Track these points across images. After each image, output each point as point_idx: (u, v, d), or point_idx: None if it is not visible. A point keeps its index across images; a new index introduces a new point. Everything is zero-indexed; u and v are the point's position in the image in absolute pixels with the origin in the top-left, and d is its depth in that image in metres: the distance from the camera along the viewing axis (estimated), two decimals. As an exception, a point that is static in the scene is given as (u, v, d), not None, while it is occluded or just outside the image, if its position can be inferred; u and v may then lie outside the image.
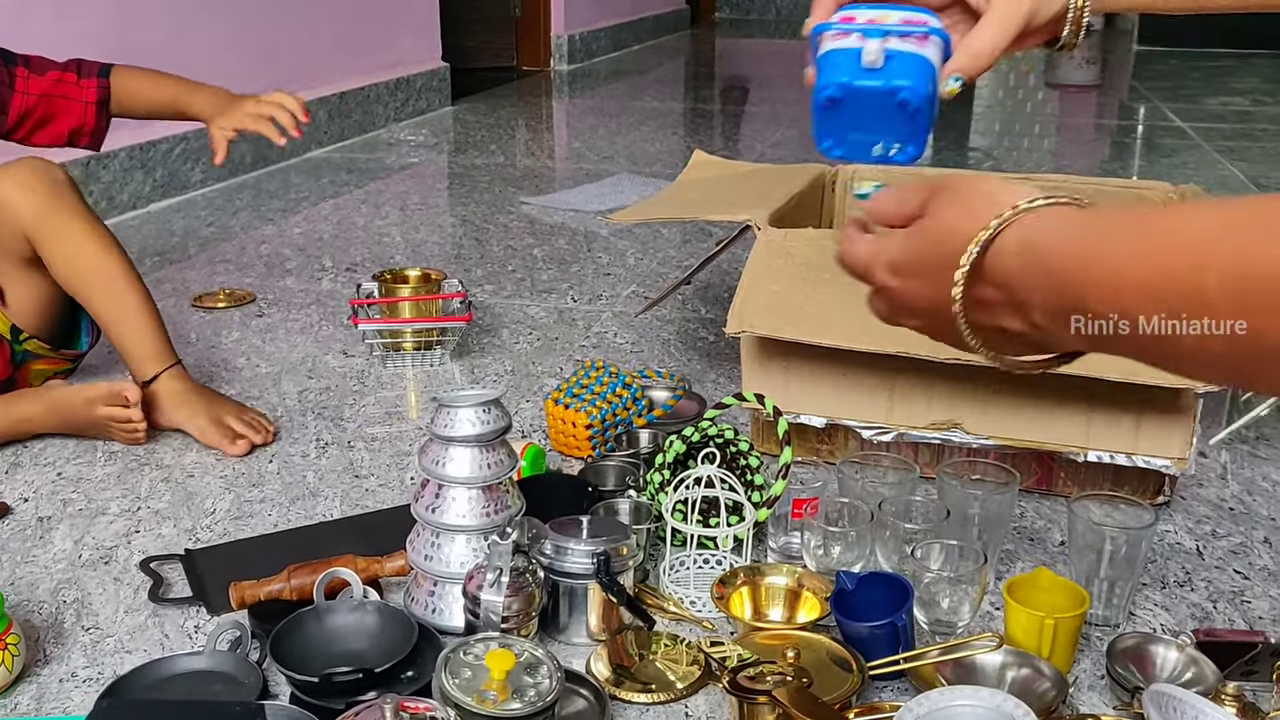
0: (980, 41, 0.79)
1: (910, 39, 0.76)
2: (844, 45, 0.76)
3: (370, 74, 3.74)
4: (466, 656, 0.91)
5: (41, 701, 0.98)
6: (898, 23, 0.77)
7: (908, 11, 0.78)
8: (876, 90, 0.75)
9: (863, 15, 0.77)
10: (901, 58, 0.75)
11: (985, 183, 0.61)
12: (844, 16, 0.78)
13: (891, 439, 1.30)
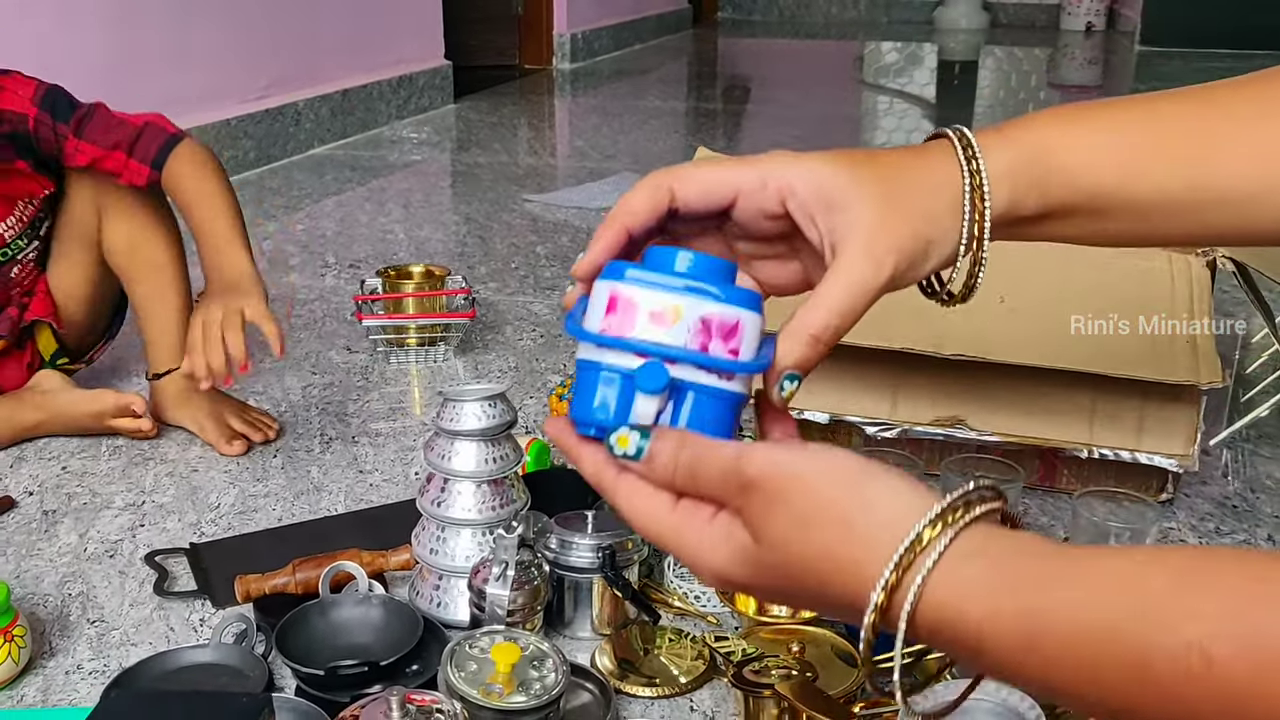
0: (817, 317, 0.53)
1: (706, 371, 0.52)
2: (613, 362, 0.52)
3: (373, 71, 3.74)
4: (472, 650, 0.91)
5: (48, 693, 0.98)
6: (691, 338, 0.52)
7: (709, 301, 0.52)
8: None
9: (645, 304, 0.52)
10: (691, 399, 0.53)
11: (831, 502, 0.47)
12: (615, 297, 0.53)
13: (896, 435, 1.30)
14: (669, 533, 0.52)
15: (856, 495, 0.47)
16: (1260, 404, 1.42)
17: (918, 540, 0.44)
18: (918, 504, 0.46)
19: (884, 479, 0.47)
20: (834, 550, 0.46)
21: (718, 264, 0.54)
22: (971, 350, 1.20)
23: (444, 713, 0.80)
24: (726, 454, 0.50)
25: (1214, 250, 1.24)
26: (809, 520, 0.47)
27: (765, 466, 0.48)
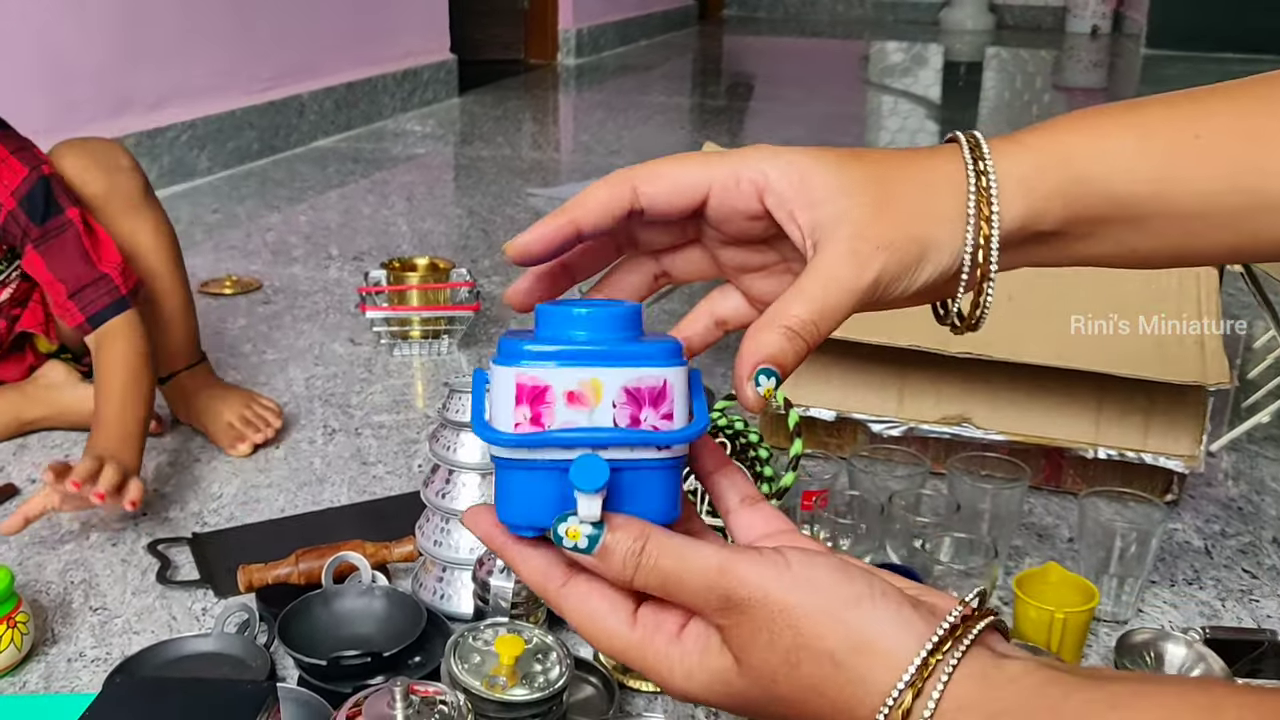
0: (793, 309, 0.47)
1: (643, 447, 0.47)
2: (540, 458, 0.46)
3: (378, 65, 3.74)
4: (476, 642, 0.90)
5: (50, 680, 0.98)
6: (619, 414, 0.47)
7: (629, 366, 0.47)
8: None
9: (558, 386, 0.46)
10: (630, 480, 0.47)
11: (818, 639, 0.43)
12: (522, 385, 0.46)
13: (901, 433, 1.30)
14: (631, 651, 0.47)
15: (845, 633, 0.43)
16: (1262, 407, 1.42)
17: (912, 685, 0.42)
18: (910, 640, 0.43)
19: (872, 609, 0.44)
20: (825, 688, 0.44)
21: (619, 312, 0.48)
22: (978, 349, 1.20)
23: (447, 704, 0.80)
24: (707, 565, 0.45)
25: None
26: (798, 657, 0.44)
27: (755, 592, 0.44)
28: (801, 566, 0.44)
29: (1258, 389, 1.57)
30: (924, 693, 0.42)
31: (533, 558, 0.48)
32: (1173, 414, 1.22)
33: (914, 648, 0.43)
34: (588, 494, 0.45)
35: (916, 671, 0.42)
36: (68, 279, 1.33)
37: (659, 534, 0.46)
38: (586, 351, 0.47)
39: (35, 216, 1.34)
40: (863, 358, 1.30)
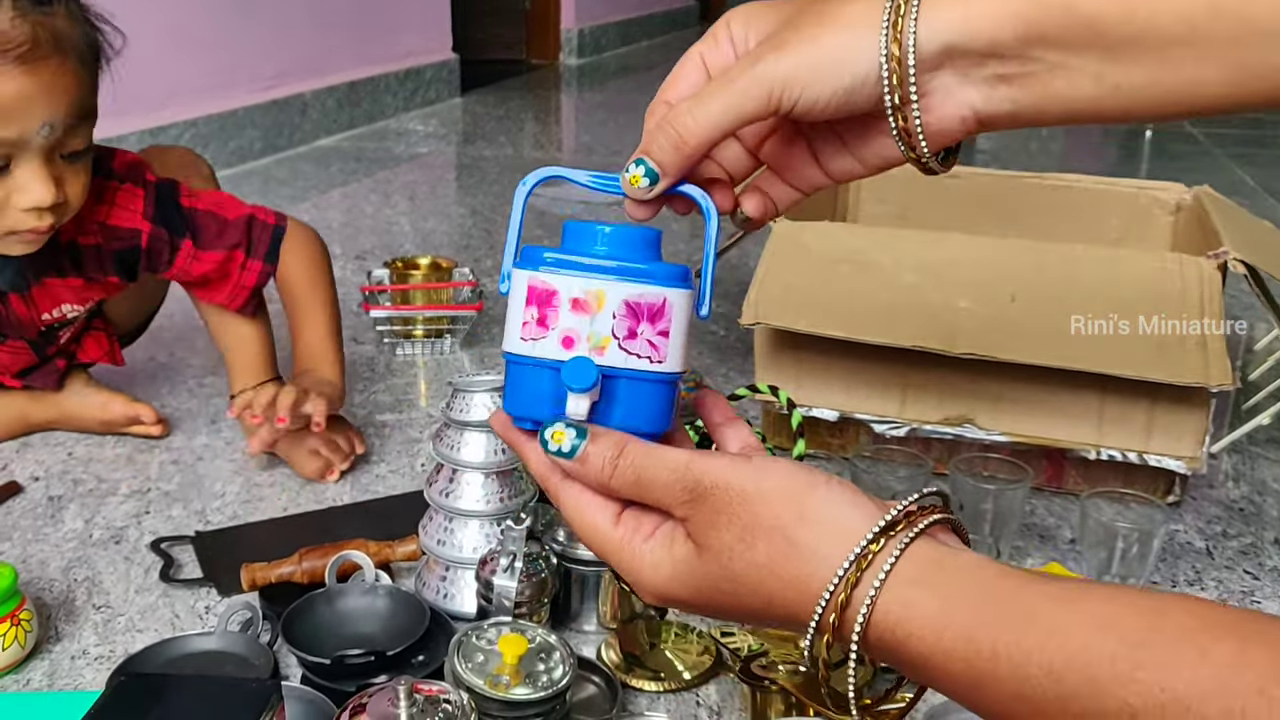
0: (686, 107, 0.51)
1: (637, 356, 0.51)
2: (541, 355, 0.51)
3: (380, 64, 3.74)
4: (479, 641, 0.91)
5: (53, 678, 0.98)
6: (617, 324, 0.50)
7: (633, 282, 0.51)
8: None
9: (565, 292, 0.51)
10: (624, 387, 0.51)
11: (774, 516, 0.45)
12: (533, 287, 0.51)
13: (904, 434, 1.30)
14: (610, 546, 0.51)
15: (798, 510, 0.46)
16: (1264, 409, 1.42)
17: (863, 557, 0.44)
18: (861, 518, 0.45)
19: (827, 493, 0.46)
20: (777, 566, 0.46)
21: (639, 236, 0.52)
22: (981, 349, 1.20)
23: (451, 703, 0.80)
24: (675, 460, 0.49)
25: (1225, 253, 1.23)
26: (753, 535, 0.46)
27: (717, 479, 0.47)
28: (761, 460, 0.48)
29: (1259, 390, 1.57)
30: (874, 565, 0.44)
31: (538, 451, 0.52)
32: (1175, 415, 1.23)
33: (863, 527, 0.45)
34: (577, 393, 0.50)
35: (866, 546, 0.44)
36: (239, 242, 1.35)
37: (635, 442, 0.50)
38: (597, 265, 0.51)
39: (177, 229, 1.32)
40: (865, 358, 1.30)
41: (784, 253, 1.34)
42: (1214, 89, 0.46)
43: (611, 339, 0.51)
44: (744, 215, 0.57)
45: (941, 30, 0.48)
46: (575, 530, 0.53)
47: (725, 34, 0.55)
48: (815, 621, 0.44)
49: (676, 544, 0.49)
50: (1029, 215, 1.63)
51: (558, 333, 0.51)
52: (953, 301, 1.24)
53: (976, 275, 1.28)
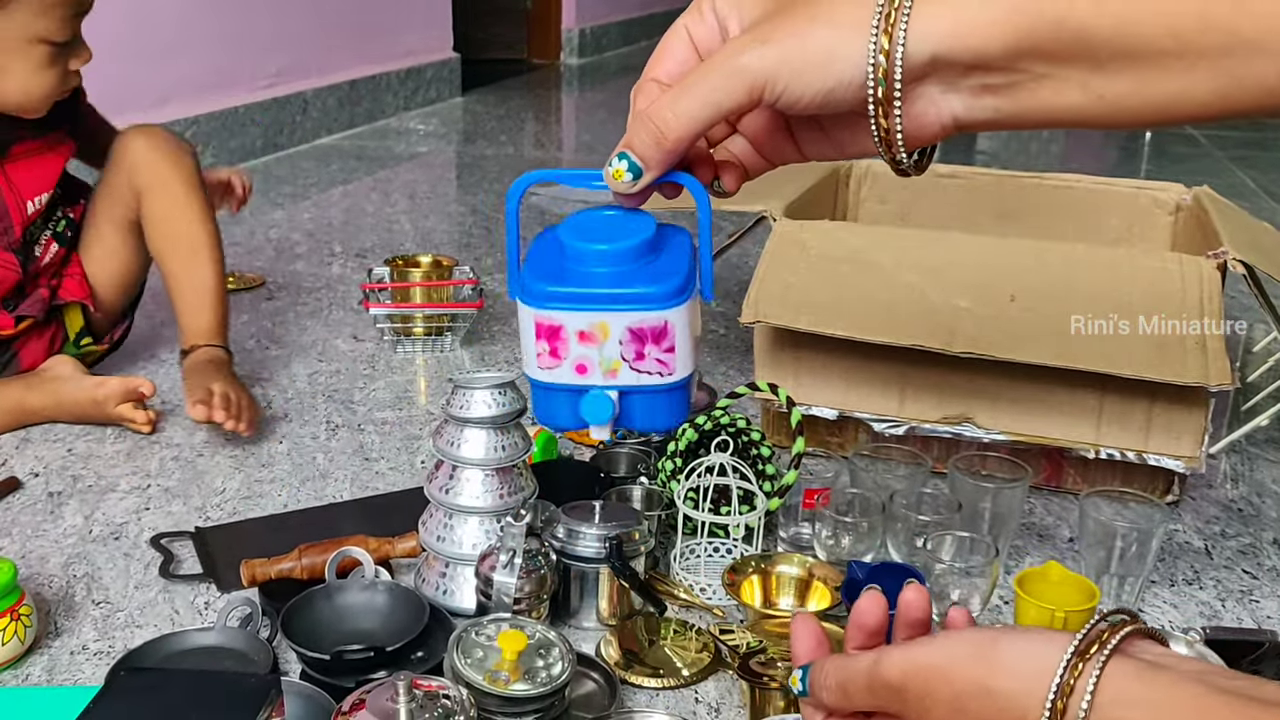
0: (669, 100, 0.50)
1: (646, 372, 0.54)
2: (563, 381, 0.55)
3: (381, 63, 3.74)
4: (479, 637, 0.91)
5: (53, 673, 0.98)
6: (625, 349, 0.54)
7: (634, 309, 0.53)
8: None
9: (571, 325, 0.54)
10: (639, 401, 0.55)
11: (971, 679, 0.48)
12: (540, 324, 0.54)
13: (903, 432, 1.30)
14: None
15: (989, 664, 0.48)
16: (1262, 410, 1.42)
17: (1064, 686, 0.44)
18: (1052, 649, 0.46)
19: (1013, 638, 0.48)
20: (986, 718, 0.47)
21: (629, 246, 0.54)
22: (980, 348, 1.20)
23: (450, 699, 0.80)
24: (863, 666, 0.52)
25: (1224, 253, 1.24)
26: (961, 702, 0.48)
27: (905, 667, 0.50)
28: (938, 635, 0.51)
29: (1258, 392, 1.57)
30: (1076, 692, 0.44)
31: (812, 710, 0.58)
32: (1174, 415, 1.23)
33: (1056, 655, 0.45)
34: (598, 426, 0.55)
35: (1066, 671, 0.45)
36: None
37: (832, 661, 0.55)
38: (596, 295, 0.53)
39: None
40: (865, 357, 1.30)
41: (784, 252, 1.34)
42: (1200, 98, 0.46)
43: (621, 362, 0.54)
44: (721, 187, 0.58)
45: (930, 40, 0.47)
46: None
47: (710, 8, 0.53)
48: None
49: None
50: (1029, 215, 1.63)
51: (570, 361, 0.54)
52: (952, 301, 1.25)
53: (976, 275, 1.28)
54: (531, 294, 0.54)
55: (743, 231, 1.70)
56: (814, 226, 1.37)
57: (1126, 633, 0.46)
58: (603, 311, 0.53)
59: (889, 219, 1.71)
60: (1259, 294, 1.29)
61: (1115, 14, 0.45)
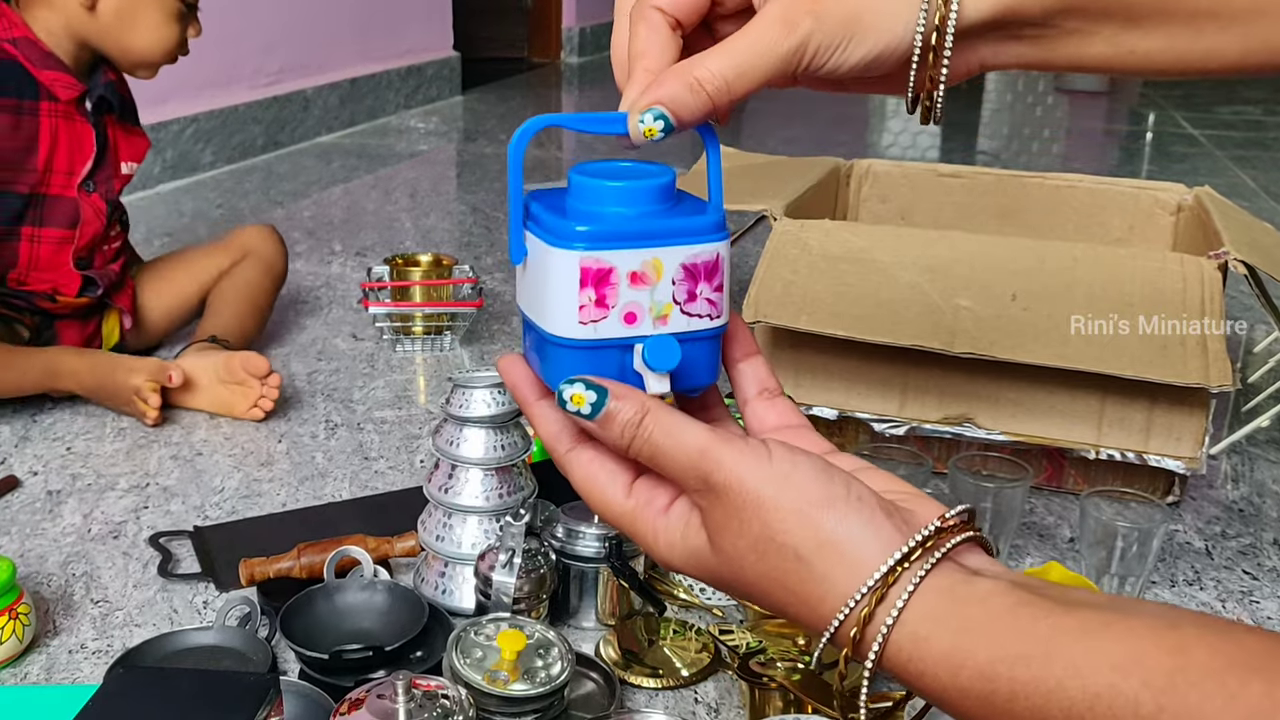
0: (709, 63, 0.48)
1: (697, 315, 0.50)
2: (605, 335, 0.49)
3: (382, 61, 3.74)
4: (478, 636, 0.90)
5: (51, 671, 0.98)
6: (678, 290, 0.49)
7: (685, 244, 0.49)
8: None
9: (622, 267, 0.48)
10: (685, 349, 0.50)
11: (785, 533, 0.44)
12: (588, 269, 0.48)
13: (904, 433, 1.30)
14: (624, 519, 0.50)
15: (813, 531, 0.44)
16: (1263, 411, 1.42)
17: (875, 591, 0.43)
18: (876, 548, 0.43)
19: (844, 512, 0.44)
20: (790, 581, 0.45)
21: (661, 184, 0.50)
22: (981, 348, 1.20)
23: (449, 698, 0.80)
24: (692, 445, 0.46)
25: (1225, 253, 1.23)
26: (765, 547, 0.45)
27: (731, 479, 0.45)
28: (781, 461, 0.46)
29: (1259, 393, 1.57)
30: (887, 600, 0.43)
31: (550, 420, 0.51)
32: (1174, 415, 1.22)
33: (880, 556, 0.43)
34: (660, 374, 0.49)
35: (880, 580, 0.43)
36: None
37: (657, 408, 0.48)
38: (643, 229, 0.48)
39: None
40: (865, 357, 1.30)
41: (784, 251, 1.34)
42: (1227, 58, 0.47)
43: (674, 305, 0.49)
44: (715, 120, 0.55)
45: (981, 7, 0.48)
46: (585, 500, 0.51)
47: None
48: (825, 642, 0.44)
49: (690, 533, 0.48)
50: (1030, 215, 1.62)
51: (619, 310, 0.48)
52: (953, 301, 1.24)
53: (977, 274, 1.28)
54: (574, 235, 0.48)
55: (743, 231, 1.70)
56: (814, 226, 1.37)
57: (958, 542, 0.44)
58: (657, 247, 0.48)
59: (890, 218, 1.71)
60: (1260, 294, 1.28)
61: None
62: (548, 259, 0.48)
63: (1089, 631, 0.40)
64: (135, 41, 1.51)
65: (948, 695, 0.42)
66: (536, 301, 0.50)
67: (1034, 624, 0.41)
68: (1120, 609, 0.40)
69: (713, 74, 0.48)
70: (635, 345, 0.49)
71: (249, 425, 1.48)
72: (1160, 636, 0.38)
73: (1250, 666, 0.36)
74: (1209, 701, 0.36)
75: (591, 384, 0.48)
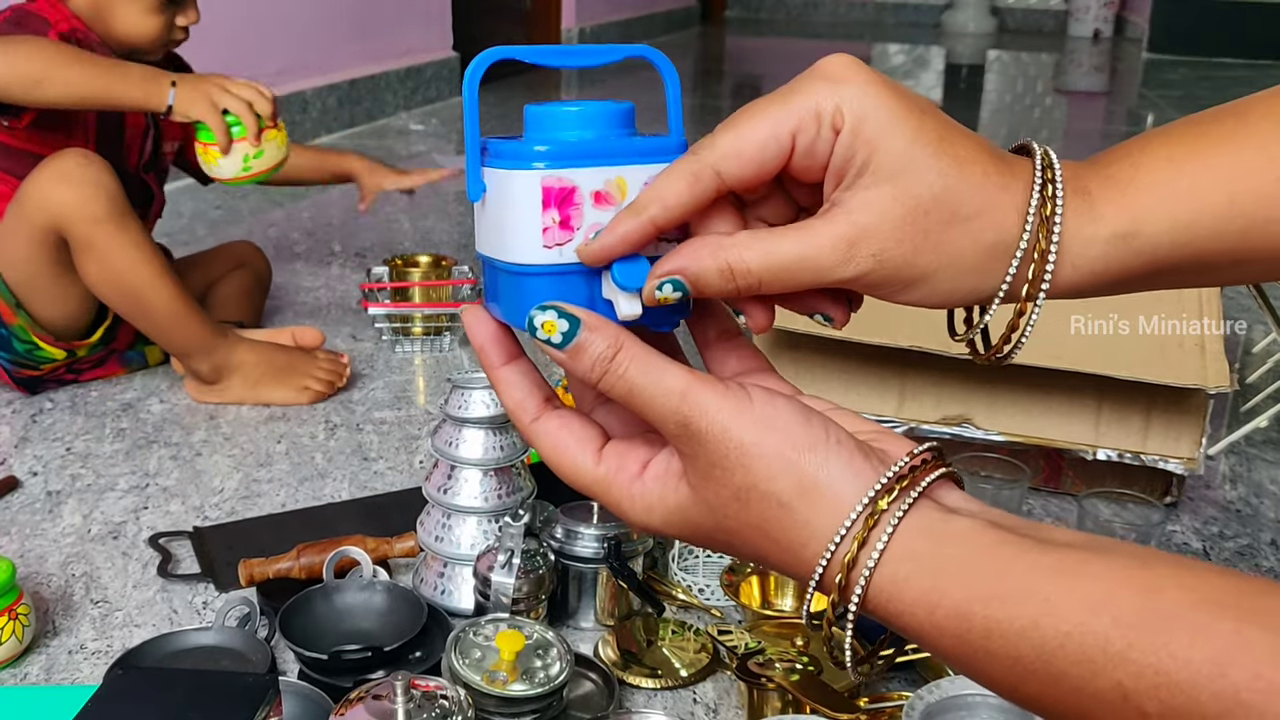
0: (747, 255, 0.45)
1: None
2: (571, 259, 0.46)
3: (381, 62, 3.74)
4: (477, 637, 0.91)
5: (50, 672, 0.98)
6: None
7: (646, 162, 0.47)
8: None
9: (585, 186, 0.46)
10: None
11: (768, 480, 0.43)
12: (550, 188, 0.46)
13: (902, 433, 1.30)
14: (596, 488, 0.48)
15: (796, 476, 0.43)
16: (1261, 412, 1.42)
17: (854, 533, 0.43)
18: (855, 488, 0.43)
19: (825, 455, 0.44)
20: (771, 529, 0.44)
21: (619, 111, 0.48)
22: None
23: (448, 699, 0.80)
24: (673, 387, 0.44)
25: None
26: (748, 495, 0.44)
27: (714, 426, 0.44)
28: (762, 405, 0.45)
29: (1257, 393, 1.57)
30: (868, 543, 0.43)
31: (515, 387, 0.49)
32: (1172, 416, 1.23)
33: (858, 495, 0.43)
34: (630, 293, 0.46)
35: (860, 520, 0.43)
36: None
37: (632, 343, 0.45)
38: (606, 149, 0.46)
39: None
40: (863, 358, 1.30)
41: (783, 252, 1.34)
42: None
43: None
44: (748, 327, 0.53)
45: (1060, 286, 0.47)
46: (555, 470, 0.49)
47: (830, 122, 0.45)
48: (810, 590, 0.44)
49: (669, 489, 0.46)
50: (1028, 216, 1.62)
51: (583, 232, 0.46)
52: (951, 301, 1.24)
53: (975, 275, 1.28)
54: (533, 155, 0.45)
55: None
56: (813, 227, 1.37)
57: (934, 479, 0.44)
58: (620, 165, 0.46)
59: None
60: (1258, 295, 1.29)
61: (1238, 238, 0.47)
62: (507, 184, 0.46)
63: (1064, 571, 0.40)
64: (118, 31, 1.51)
65: (925, 634, 0.42)
66: (496, 236, 0.48)
67: (1010, 563, 0.41)
68: (1096, 548, 0.40)
69: (749, 269, 0.45)
70: (603, 271, 0.46)
71: (249, 425, 1.48)
72: (1133, 575, 0.39)
73: (1221, 604, 0.37)
74: (1176, 639, 0.36)
75: (564, 312, 0.45)
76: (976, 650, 0.40)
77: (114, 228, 1.40)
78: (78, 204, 1.38)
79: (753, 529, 0.45)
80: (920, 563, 0.42)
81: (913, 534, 0.43)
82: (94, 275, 1.43)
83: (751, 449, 0.44)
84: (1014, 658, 0.39)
